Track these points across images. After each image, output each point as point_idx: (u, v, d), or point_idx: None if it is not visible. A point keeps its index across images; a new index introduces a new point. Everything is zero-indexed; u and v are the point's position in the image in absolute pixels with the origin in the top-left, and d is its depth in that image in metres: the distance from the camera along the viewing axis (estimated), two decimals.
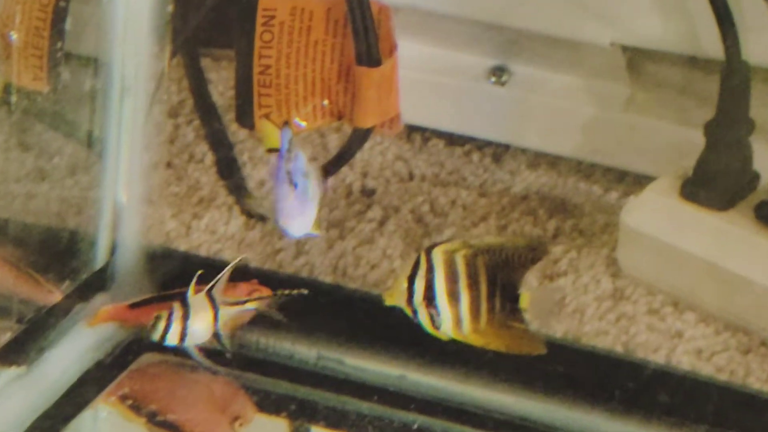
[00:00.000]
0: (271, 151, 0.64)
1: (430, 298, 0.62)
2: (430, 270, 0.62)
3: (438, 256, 0.63)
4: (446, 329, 0.63)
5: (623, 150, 0.87)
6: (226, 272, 0.66)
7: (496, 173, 0.89)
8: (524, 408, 0.70)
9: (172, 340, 0.65)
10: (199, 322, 0.65)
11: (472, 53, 0.89)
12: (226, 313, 0.66)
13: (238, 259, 0.68)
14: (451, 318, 0.63)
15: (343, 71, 0.72)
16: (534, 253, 0.64)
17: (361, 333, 0.72)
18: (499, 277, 0.63)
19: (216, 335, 0.66)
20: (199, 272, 0.66)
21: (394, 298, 0.63)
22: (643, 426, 0.69)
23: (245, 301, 0.67)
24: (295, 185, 0.62)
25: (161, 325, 0.64)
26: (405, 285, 0.63)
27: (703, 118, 0.79)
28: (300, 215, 0.63)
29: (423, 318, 0.62)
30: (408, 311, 0.63)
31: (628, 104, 0.87)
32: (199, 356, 0.67)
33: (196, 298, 0.65)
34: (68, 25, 0.68)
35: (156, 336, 0.65)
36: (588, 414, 0.69)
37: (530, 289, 0.64)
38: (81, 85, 0.71)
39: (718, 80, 0.78)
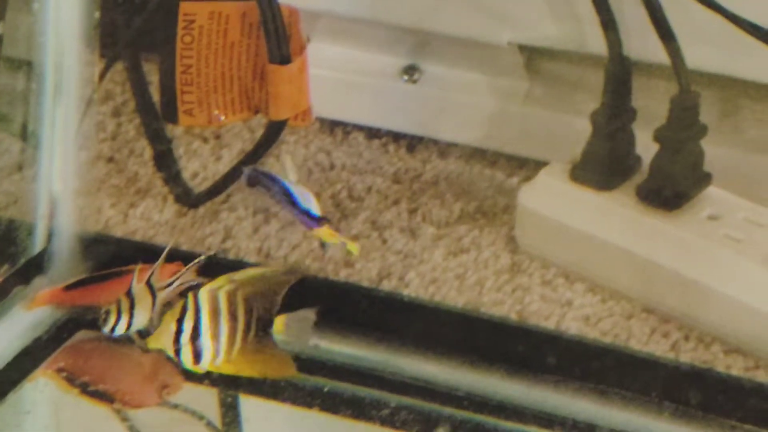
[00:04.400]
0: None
1: (195, 336, 0.61)
2: (197, 310, 0.61)
3: (204, 296, 0.61)
4: (205, 363, 0.62)
5: (523, 139, 0.86)
6: (159, 262, 0.65)
7: (410, 162, 0.87)
8: (428, 371, 0.69)
9: (120, 330, 0.64)
10: (142, 311, 0.64)
11: (386, 54, 0.88)
12: (161, 297, 0.65)
13: (169, 247, 0.67)
14: (211, 352, 0.61)
15: (258, 69, 0.71)
16: (289, 276, 0.64)
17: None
18: (257, 306, 0.62)
19: (151, 319, 0.65)
20: (139, 267, 0.66)
21: (160, 342, 0.61)
22: (533, 386, 0.68)
23: (172, 282, 0.66)
24: None
25: (112, 318, 0.63)
26: (174, 327, 0.61)
27: (593, 109, 0.77)
28: None
29: (186, 356, 0.61)
30: (171, 351, 0.61)
31: (527, 98, 0.86)
32: (137, 339, 0.66)
33: (138, 288, 0.64)
34: (2, 30, 0.66)
35: (107, 328, 0.64)
36: (483, 375, 0.68)
37: (284, 315, 0.63)
38: (16, 85, 0.68)
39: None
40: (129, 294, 0.64)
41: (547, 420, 0.65)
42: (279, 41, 0.69)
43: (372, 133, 0.89)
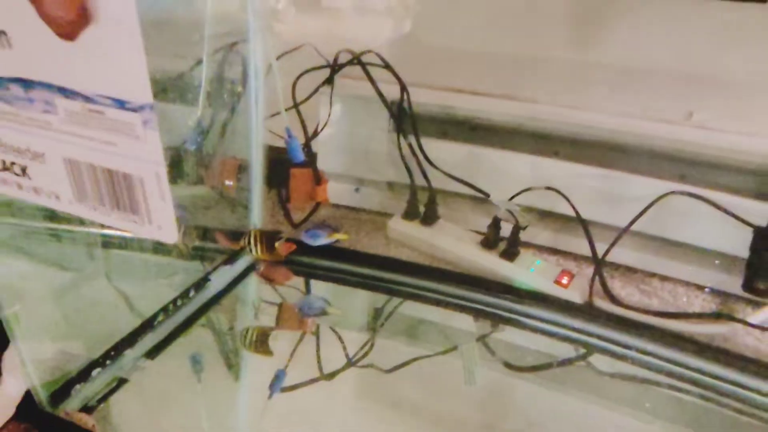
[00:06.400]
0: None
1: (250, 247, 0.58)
2: (256, 239, 0.57)
3: (253, 234, 0.59)
4: (255, 255, 0.59)
5: (387, 207, 0.83)
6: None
7: (355, 216, 0.82)
8: (378, 274, 0.68)
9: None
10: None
11: (350, 184, 0.85)
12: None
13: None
14: (255, 253, 0.60)
15: (313, 188, 0.75)
16: (280, 233, 0.62)
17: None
18: (268, 239, 0.61)
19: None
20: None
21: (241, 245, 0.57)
22: (409, 277, 0.68)
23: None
24: None
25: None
26: (244, 243, 0.57)
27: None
28: None
29: (254, 250, 0.57)
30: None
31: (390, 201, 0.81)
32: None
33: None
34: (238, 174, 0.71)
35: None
36: (386, 273, 0.69)
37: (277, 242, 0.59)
38: (244, 189, 0.69)
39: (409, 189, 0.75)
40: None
41: (419, 294, 0.64)
42: (317, 179, 0.76)
43: (350, 207, 0.84)
